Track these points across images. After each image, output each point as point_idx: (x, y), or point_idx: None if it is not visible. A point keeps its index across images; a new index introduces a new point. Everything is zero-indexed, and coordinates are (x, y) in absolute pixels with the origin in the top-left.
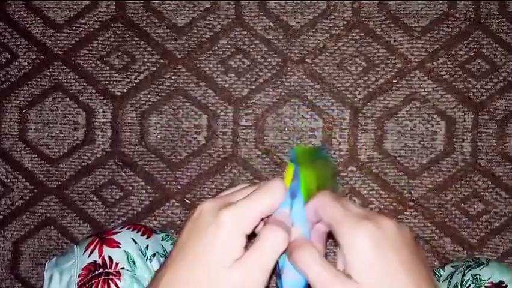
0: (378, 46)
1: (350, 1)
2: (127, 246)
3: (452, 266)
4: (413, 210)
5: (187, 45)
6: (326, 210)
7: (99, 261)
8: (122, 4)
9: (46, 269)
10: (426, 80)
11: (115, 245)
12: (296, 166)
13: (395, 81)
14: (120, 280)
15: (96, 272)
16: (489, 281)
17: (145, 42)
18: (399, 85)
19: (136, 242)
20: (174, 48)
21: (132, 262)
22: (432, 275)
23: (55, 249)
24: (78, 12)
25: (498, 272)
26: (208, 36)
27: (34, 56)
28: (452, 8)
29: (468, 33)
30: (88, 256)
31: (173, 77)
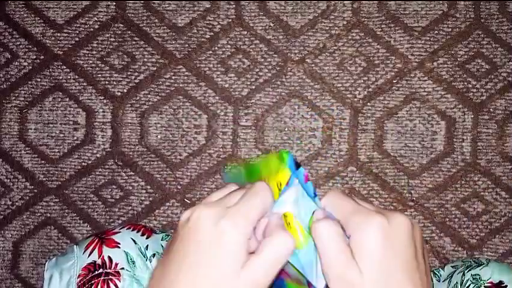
0: (378, 46)
1: (350, 1)
2: (127, 246)
3: (452, 266)
4: (413, 210)
5: (187, 45)
6: (338, 205)
7: (99, 261)
8: (122, 4)
9: (46, 269)
10: (426, 80)
11: (115, 245)
12: (294, 174)
13: (395, 81)
14: (120, 280)
15: (96, 272)
16: (489, 281)
17: (145, 42)
18: (399, 85)
19: (136, 242)
20: (174, 48)
21: (132, 262)
22: (430, 278)
23: (55, 249)
24: (78, 12)
25: (498, 272)
26: (208, 36)
27: (34, 56)
28: (452, 8)
29: (468, 33)
30: (88, 256)
31: (173, 77)
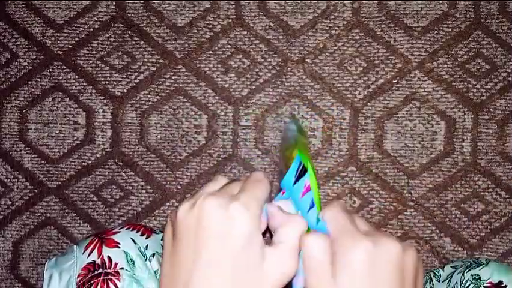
0: (378, 46)
1: (350, 1)
2: (127, 246)
3: (451, 266)
4: (413, 210)
5: (187, 45)
6: (333, 219)
7: (98, 261)
8: (122, 4)
9: (46, 269)
10: (426, 80)
11: (114, 245)
12: (299, 166)
13: (395, 81)
14: (119, 280)
15: (95, 272)
16: (488, 281)
17: (145, 42)
18: (399, 85)
19: (136, 242)
20: (174, 48)
21: (131, 262)
22: None
23: (55, 249)
24: (78, 12)
25: (497, 272)
26: (208, 36)
27: (34, 56)
28: (452, 8)
29: (468, 33)
30: (88, 256)
31: (173, 77)
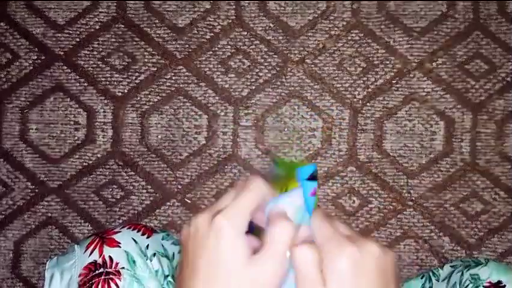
0: (377, 47)
1: (350, 2)
2: (127, 245)
3: (450, 266)
4: (412, 209)
5: (188, 45)
6: (317, 228)
7: (99, 260)
8: (122, 5)
9: (47, 269)
10: (425, 81)
11: (115, 245)
12: (303, 184)
13: (395, 81)
14: (120, 280)
15: (96, 272)
16: (487, 281)
17: (146, 42)
18: (398, 85)
19: (136, 242)
20: (175, 48)
21: (132, 262)
22: None
23: (56, 248)
24: (79, 13)
25: (496, 272)
26: (208, 36)
27: (35, 57)
28: (451, 9)
29: (467, 33)
30: (89, 256)
31: (173, 78)
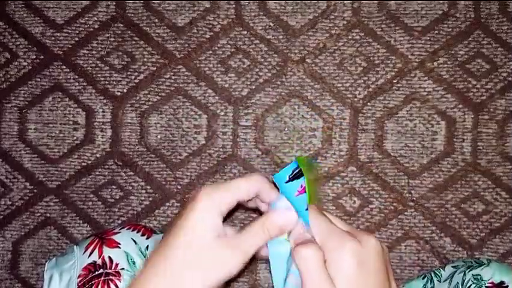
0: (378, 46)
1: (350, 1)
2: (127, 246)
3: (452, 266)
4: (413, 210)
5: (187, 45)
6: (314, 225)
7: (99, 261)
8: (122, 4)
9: (46, 269)
10: (426, 80)
11: (115, 245)
12: (281, 188)
13: (395, 81)
14: (120, 280)
15: (96, 273)
16: (490, 281)
17: (145, 42)
18: (399, 85)
19: (136, 243)
20: (174, 48)
21: (132, 262)
22: None
23: (55, 249)
24: (78, 12)
25: (499, 272)
26: (208, 36)
27: (34, 56)
28: (452, 8)
29: (468, 33)
30: (88, 256)
31: (173, 77)
